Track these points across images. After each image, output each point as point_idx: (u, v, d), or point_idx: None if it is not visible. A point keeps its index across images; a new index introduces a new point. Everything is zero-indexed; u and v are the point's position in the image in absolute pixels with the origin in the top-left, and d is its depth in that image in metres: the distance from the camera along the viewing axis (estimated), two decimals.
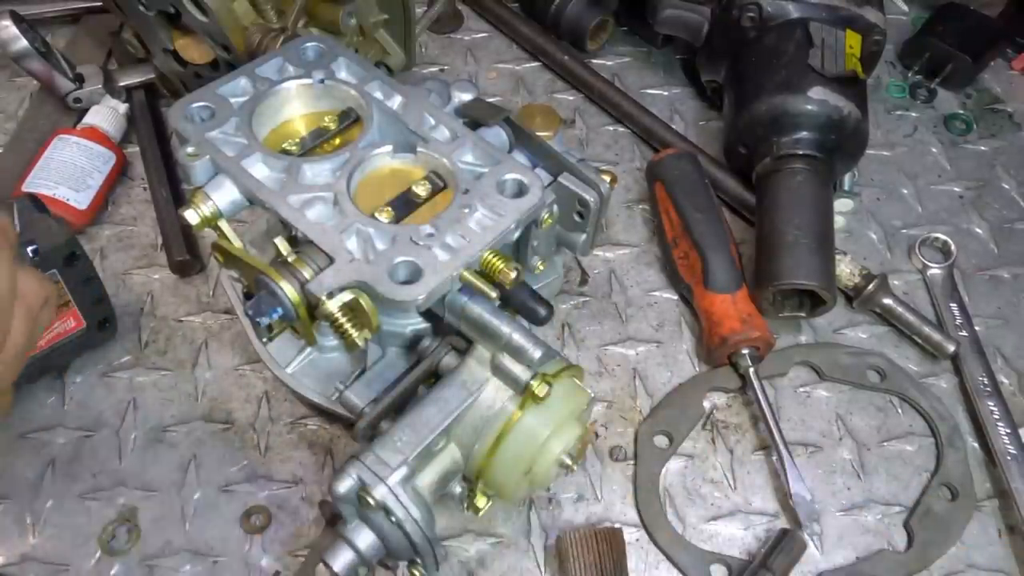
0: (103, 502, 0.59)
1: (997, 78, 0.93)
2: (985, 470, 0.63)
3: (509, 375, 0.48)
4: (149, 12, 0.68)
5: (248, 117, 0.54)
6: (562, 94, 0.89)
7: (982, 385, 0.66)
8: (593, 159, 0.83)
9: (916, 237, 0.76)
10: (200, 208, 0.50)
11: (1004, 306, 0.73)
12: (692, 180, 0.71)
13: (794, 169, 0.68)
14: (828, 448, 0.64)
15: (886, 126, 0.87)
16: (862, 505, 0.61)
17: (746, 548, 0.59)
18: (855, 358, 0.68)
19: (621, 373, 0.67)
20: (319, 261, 0.47)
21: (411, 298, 0.45)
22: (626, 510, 0.60)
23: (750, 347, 0.64)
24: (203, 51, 0.71)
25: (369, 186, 0.53)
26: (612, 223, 0.77)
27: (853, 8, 0.74)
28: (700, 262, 0.67)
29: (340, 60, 0.58)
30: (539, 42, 0.90)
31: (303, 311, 0.47)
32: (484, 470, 0.49)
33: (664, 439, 0.63)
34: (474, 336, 0.49)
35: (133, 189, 0.77)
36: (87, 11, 0.90)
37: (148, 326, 0.68)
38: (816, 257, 0.64)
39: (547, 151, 0.56)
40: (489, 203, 0.50)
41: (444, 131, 0.54)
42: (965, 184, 0.83)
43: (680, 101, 0.89)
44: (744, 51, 0.75)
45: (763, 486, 0.62)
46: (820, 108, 0.68)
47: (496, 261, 0.49)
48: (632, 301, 0.72)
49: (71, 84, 0.77)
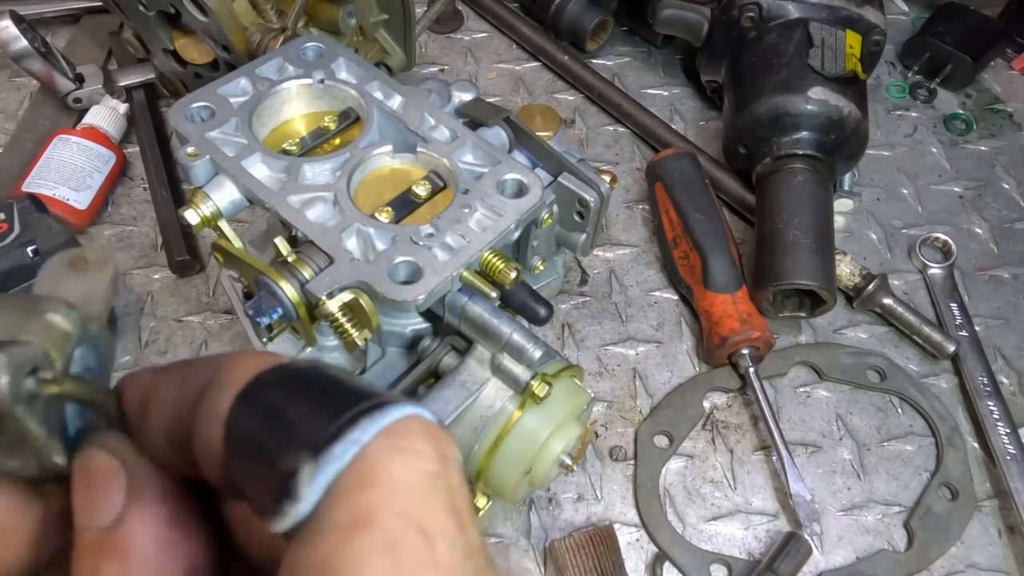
0: None
1: (997, 78, 0.93)
2: (985, 470, 0.63)
3: (509, 375, 0.48)
4: (149, 12, 0.68)
5: (248, 117, 0.54)
6: (562, 94, 0.89)
7: (982, 385, 0.66)
8: (593, 159, 0.83)
9: (916, 237, 0.76)
10: (200, 208, 0.50)
11: (1004, 306, 0.73)
12: (692, 180, 0.71)
13: (794, 169, 0.68)
14: (828, 448, 0.64)
15: (886, 126, 0.87)
16: (862, 505, 0.61)
17: (746, 548, 0.59)
18: (855, 358, 0.68)
19: (621, 373, 0.67)
20: (319, 261, 0.47)
21: (411, 298, 0.45)
22: (626, 510, 0.60)
23: (750, 347, 0.64)
24: (203, 51, 0.71)
25: (369, 186, 0.53)
26: (612, 223, 0.77)
27: (853, 8, 0.74)
28: (700, 262, 0.66)
29: (340, 60, 0.58)
30: (539, 42, 0.90)
31: (303, 311, 0.47)
32: (484, 470, 0.49)
33: (664, 439, 0.63)
34: (474, 336, 0.49)
35: (133, 189, 0.77)
36: (87, 11, 0.90)
37: (148, 326, 0.68)
38: (816, 257, 0.64)
39: (547, 151, 0.56)
40: (489, 203, 0.50)
41: (444, 131, 0.54)
42: (965, 184, 0.83)
43: (680, 101, 0.89)
44: (744, 51, 0.75)
45: (763, 486, 0.62)
46: (820, 108, 0.68)
47: (496, 261, 0.49)
48: (632, 301, 0.72)
49: (71, 84, 0.77)
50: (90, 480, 0.19)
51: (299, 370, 0.18)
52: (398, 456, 0.16)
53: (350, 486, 0.15)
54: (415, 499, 0.15)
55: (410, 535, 0.15)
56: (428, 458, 0.16)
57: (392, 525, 0.15)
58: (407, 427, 0.16)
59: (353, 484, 0.15)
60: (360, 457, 0.15)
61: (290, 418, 0.16)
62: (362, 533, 0.15)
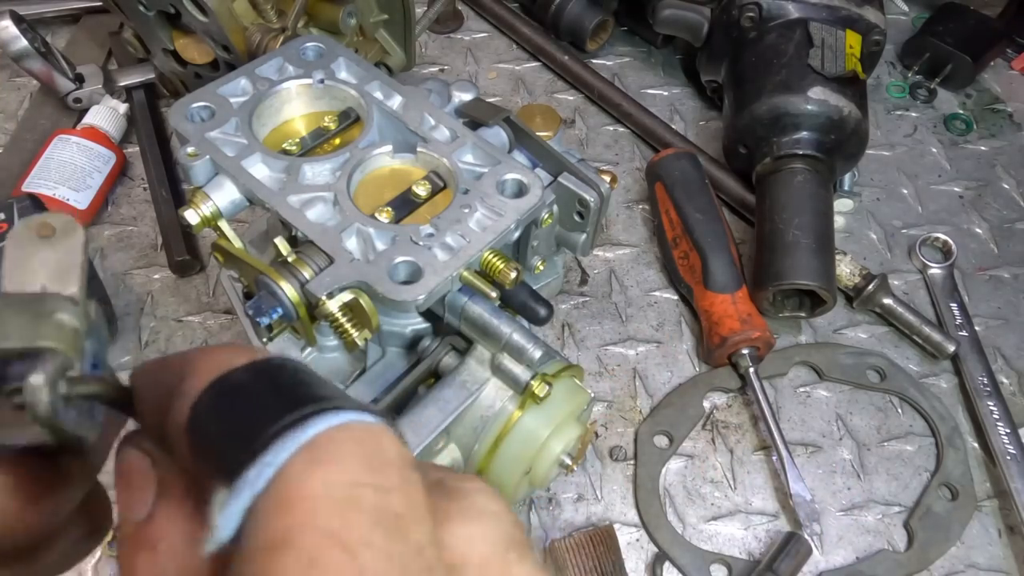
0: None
1: (997, 78, 0.93)
2: (985, 470, 0.63)
3: (509, 375, 0.48)
4: (149, 12, 0.68)
5: (248, 117, 0.54)
6: (562, 94, 0.89)
7: (982, 385, 0.66)
8: (593, 159, 0.83)
9: (916, 237, 0.76)
10: (200, 208, 0.50)
11: (1004, 306, 0.73)
12: (692, 180, 0.71)
13: (794, 169, 0.68)
14: (828, 448, 0.64)
15: (886, 126, 0.87)
16: (862, 505, 0.61)
17: (746, 548, 0.59)
18: (855, 358, 0.68)
19: (621, 373, 0.67)
20: (319, 261, 0.47)
21: (411, 298, 0.45)
22: (626, 510, 0.60)
23: (750, 347, 0.64)
24: (203, 51, 0.71)
25: (369, 186, 0.53)
26: (612, 223, 0.77)
27: (853, 8, 0.74)
28: (700, 262, 0.66)
29: (340, 60, 0.58)
30: (539, 42, 0.90)
31: (303, 311, 0.47)
32: (484, 470, 0.49)
33: (664, 439, 0.63)
34: (474, 336, 0.49)
35: (133, 189, 0.78)
36: (87, 11, 0.90)
37: (148, 326, 0.68)
38: (816, 257, 0.64)
39: (547, 151, 0.56)
40: (489, 203, 0.50)
41: (444, 131, 0.54)
42: (965, 184, 0.83)
43: (680, 101, 0.89)
44: (744, 51, 0.75)
45: (763, 486, 0.62)
46: (820, 108, 0.68)
47: (496, 261, 0.49)
48: (632, 301, 0.72)
49: (71, 84, 0.77)
50: (128, 479, 0.20)
51: (241, 381, 0.18)
52: (316, 471, 0.15)
53: (267, 509, 0.15)
54: (332, 513, 0.15)
55: (330, 551, 0.15)
56: (349, 469, 0.16)
57: (311, 543, 0.15)
58: (330, 439, 0.16)
59: (270, 507, 0.15)
60: (277, 479, 0.15)
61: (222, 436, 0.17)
62: (281, 554, 0.15)
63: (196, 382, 0.18)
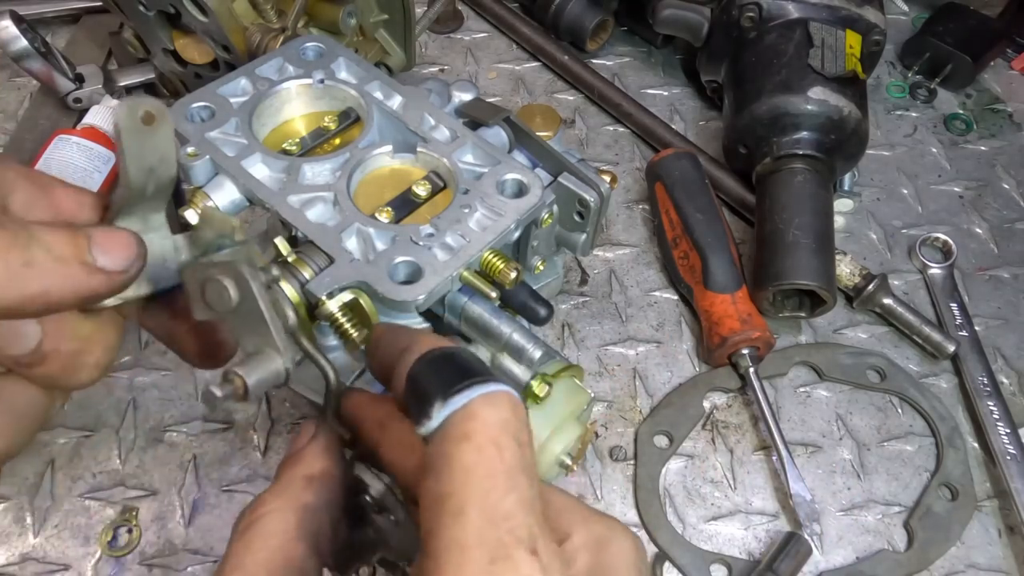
0: (103, 502, 0.59)
1: (997, 78, 0.93)
2: (985, 470, 0.63)
3: (509, 375, 0.48)
4: (149, 12, 0.68)
5: (248, 117, 0.54)
6: (562, 94, 0.89)
7: (982, 385, 0.66)
8: (593, 159, 0.83)
9: (916, 237, 0.76)
10: (200, 208, 0.50)
11: (1004, 306, 0.73)
12: (692, 180, 0.71)
13: (794, 169, 0.68)
14: (828, 448, 0.64)
15: (886, 126, 0.87)
16: (862, 505, 0.61)
17: (746, 548, 0.59)
18: (855, 358, 0.68)
19: (621, 373, 0.67)
20: (319, 261, 0.47)
21: (411, 298, 0.45)
22: (626, 510, 0.60)
23: (750, 347, 0.64)
24: (203, 51, 0.71)
25: (369, 186, 0.53)
26: (612, 223, 0.77)
27: (853, 8, 0.74)
28: (700, 262, 0.66)
29: (340, 60, 0.58)
30: (539, 42, 0.90)
31: (303, 311, 0.47)
32: None
33: (664, 439, 0.63)
34: (474, 336, 0.49)
35: None
36: (87, 11, 0.90)
37: None
38: (816, 257, 0.64)
39: (547, 151, 0.56)
40: (489, 203, 0.50)
41: (444, 131, 0.54)
42: (965, 184, 0.83)
43: (680, 101, 0.89)
44: (744, 51, 0.75)
45: (763, 486, 0.62)
46: (820, 108, 0.68)
47: (496, 261, 0.49)
48: (632, 301, 0.72)
49: (71, 84, 0.77)
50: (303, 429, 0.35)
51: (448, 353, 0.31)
52: (489, 407, 0.28)
53: (460, 418, 0.27)
54: (495, 429, 0.27)
55: (489, 445, 0.27)
56: (506, 412, 0.28)
57: (480, 440, 0.27)
58: (498, 396, 0.28)
59: (462, 417, 0.27)
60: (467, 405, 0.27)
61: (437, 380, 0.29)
62: (463, 441, 0.27)
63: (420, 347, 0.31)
